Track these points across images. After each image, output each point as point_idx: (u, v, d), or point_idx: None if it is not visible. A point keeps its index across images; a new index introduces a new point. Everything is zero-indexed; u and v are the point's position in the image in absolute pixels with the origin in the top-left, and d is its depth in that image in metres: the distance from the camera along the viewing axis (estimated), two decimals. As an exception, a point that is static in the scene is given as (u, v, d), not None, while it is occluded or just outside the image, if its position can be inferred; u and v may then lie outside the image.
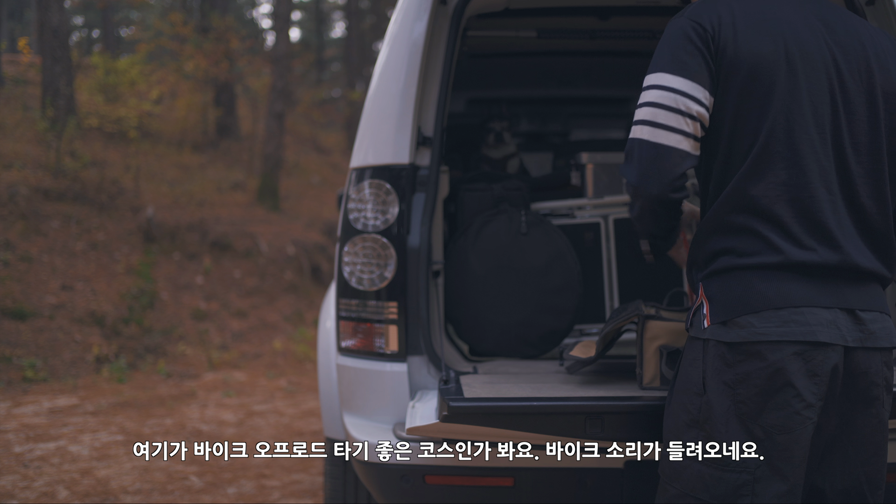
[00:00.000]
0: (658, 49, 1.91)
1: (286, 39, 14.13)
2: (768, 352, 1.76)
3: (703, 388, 1.84)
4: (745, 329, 1.78)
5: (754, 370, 1.77)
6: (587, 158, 3.38)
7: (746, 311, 1.79)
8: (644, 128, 1.85)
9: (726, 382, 1.80)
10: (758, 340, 1.77)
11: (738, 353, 1.79)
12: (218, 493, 4.30)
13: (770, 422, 1.76)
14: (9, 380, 6.50)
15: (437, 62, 2.70)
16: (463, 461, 2.37)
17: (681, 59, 1.86)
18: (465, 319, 2.95)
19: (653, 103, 1.86)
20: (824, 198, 1.82)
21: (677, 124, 1.83)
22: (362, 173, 2.64)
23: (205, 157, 13.81)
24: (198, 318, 8.62)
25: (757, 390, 1.76)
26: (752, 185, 1.82)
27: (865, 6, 2.59)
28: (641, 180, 1.86)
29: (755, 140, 1.83)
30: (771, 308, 1.78)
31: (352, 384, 2.67)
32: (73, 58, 12.06)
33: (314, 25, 27.64)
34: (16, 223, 8.55)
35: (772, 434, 1.76)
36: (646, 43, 3.80)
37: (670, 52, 1.88)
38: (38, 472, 4.51)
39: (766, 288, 1.79)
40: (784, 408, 1.76)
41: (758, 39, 1.86)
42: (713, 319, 1.84)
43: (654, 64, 1.90)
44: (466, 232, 3.02)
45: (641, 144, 1.86)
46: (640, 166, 1.85)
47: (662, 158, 1.83)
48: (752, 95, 1.84)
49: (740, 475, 1.77)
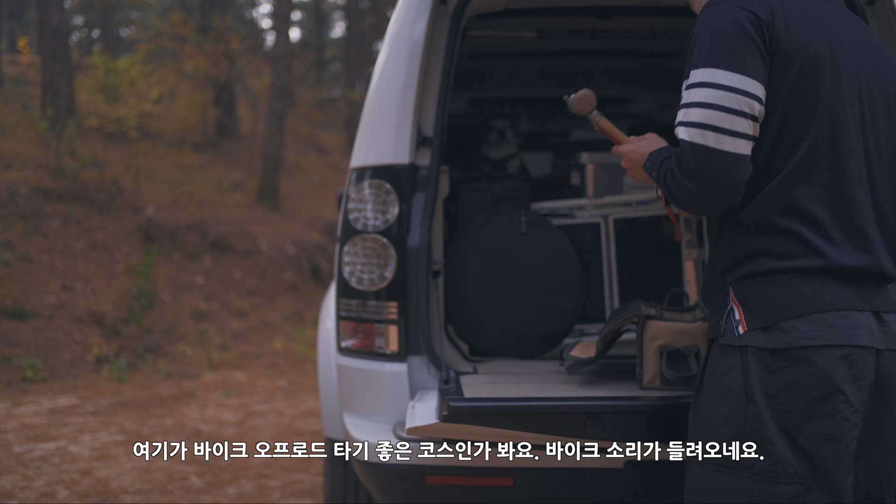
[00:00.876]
0: (705, 40, 1.75)
1: (286, 39, 14.13)
2: (816, 357, 1.69)
3: (746, 397, 1.74)
4: (790, 334, 1.71)
5: (801, 377, 1.69)
6: (587, 158, 3.38)
7: (790, 315, 1.71)
8: (706, 133, 1.70)
9: (767, 392, 1.71)
10: (804, 345, 1.69)
11: (781, 360, 1.71)
12: (218, 493, 4.30)
13: (819, 430, 1.69)
14: (9, 380, 6.49)
15: (437, 62, 2.70)
16: (463, 461, 2.37)
17: (737, 52, 1.72)
18: (465, 319, 2.95)
19: (712, 105, 1.71)
20: (863, 200, 1.78)
21: (743, 129, 1.70)
22: (362, 173, 2.64)
23: (205, 157, 13.81)
24: (198, 318, 8.62)
25: (805, 398, 1.69)
26: (797, 185, 1.74)
27: (865, 6, 2.59)
28: (708, 191, 1.71)
29: (802, 139, 1.75)
30: (817, 311, 1.71)
31: (352, 384, 2.67)
32: (73, 58, 12.06)
33: (314, 25, 27.64)
34: (16, 223, 8.55)
35: (819, 444, 1.69)
36: (646, 43, 3.80)
37: (723, 44, 1.73)
38: (38, 472, 4.51)
39: (810, 291, 1.72)
40: (834, 415, 1.69)
41: (808, 33, 1.78)
42: (750, 325, 1.75)
43: (704, 57, 1.74)
44: (466, 232, 3.02)
45: (707, 152, 1.69)
46: (707, 177, 1.70)
47: (732, 168, 1.70)
48: (803, 93, 1.76)
49: (792, 487, 1.69)
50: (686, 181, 1.72)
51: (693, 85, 1.74)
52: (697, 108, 1.72)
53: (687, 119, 1.73)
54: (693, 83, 1.74)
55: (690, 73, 1.76)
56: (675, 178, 1.76)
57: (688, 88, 1.75)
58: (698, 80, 1.73)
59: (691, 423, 1.88)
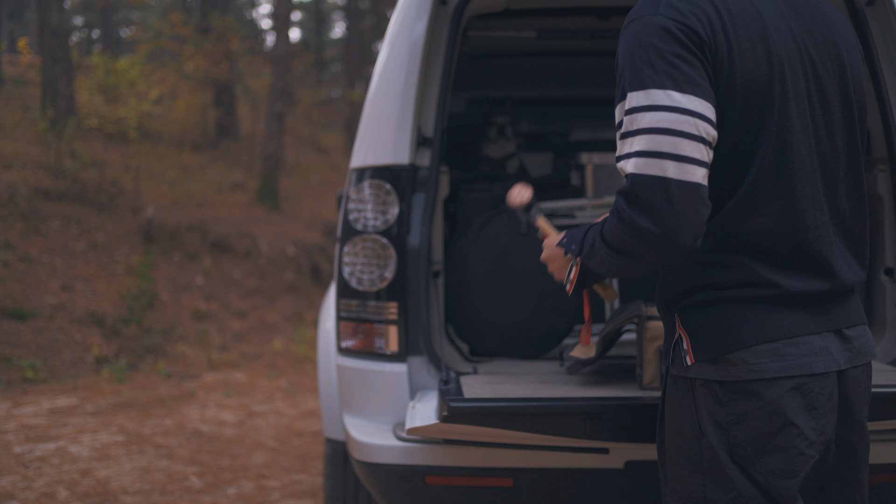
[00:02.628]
0: (639, 57, 1.54)
1: (286, 40, 14.13)
2: (765, 390, 1.59)
3: (700, 430, 1.64)
4: (738, 367, 1.59)
5: (751, 410, 1.59)
6: (587, 158, 3.38)
7: (736, 346, 1.59)
8: (662, 162, 1.48)
9: (720, 423, 1.61)
10: (753, 378, 1.59)
11: (731, 392, 1.60)
12: (218, 493, 4.30)
13: (771, 466, 1.60)
14: (9, 380, 6.49)
15: (437, 62, 2.70)
16: (463, 461, 2.37)
17: (683, 70, 1.52)
18: (465, 320, 2.95)
19: (664, 129, 1.49)
20: (818, 222, 1.64)
21: (701, 156, 1.50)
22: (362, 174, 2.64)
23: (205, 157, 13.81)
24: (198, 319, 8.62)
25: (755, 432, 1.59)
26: (745, 219, 1.60)
27: (865, 6, 2.59)
28: (674, 231, 1.47)
29: (748, 169, 1.59)
30: (765, 342, 1.59)
31: (352, 384, 2.67)
32: (73, 58, 12.07)
33: (314, 25, 27.65)
34: (16, 223, 8.55)
35: (772, 480, 1.60)
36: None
37: (665, 62, 1.52)
38: (37, 472, 4.51)
39: (756, 321, 1.60)
40: (787, 449, 1.59)
41: (752, 54, 1.58)
42: (698, 357, 1.63)
43: (642, 78, 1.52)
44: (466, 232, 3.02)
45: (666, 185, 1.47)
46: (673, 212, 1.47)
47: (696, 201, 1.49)
48: (747, 120, 1.59)
49: None
50: (644, 222, 1.48)
51: (635, 109, 1.52)
52: (646, 135, 1.50)
53: (633, 149, 1.51)
54: (635, 107, 1.52)
55: (627, 95, 1.54)
56: (626, 226, 1.52)
57: (629, 113, 1.53)
58: (641, 103, 1.51)
59: (659, 454, 1.79)
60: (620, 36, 1.62)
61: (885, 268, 2.70)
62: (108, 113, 12.23)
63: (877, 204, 2.73)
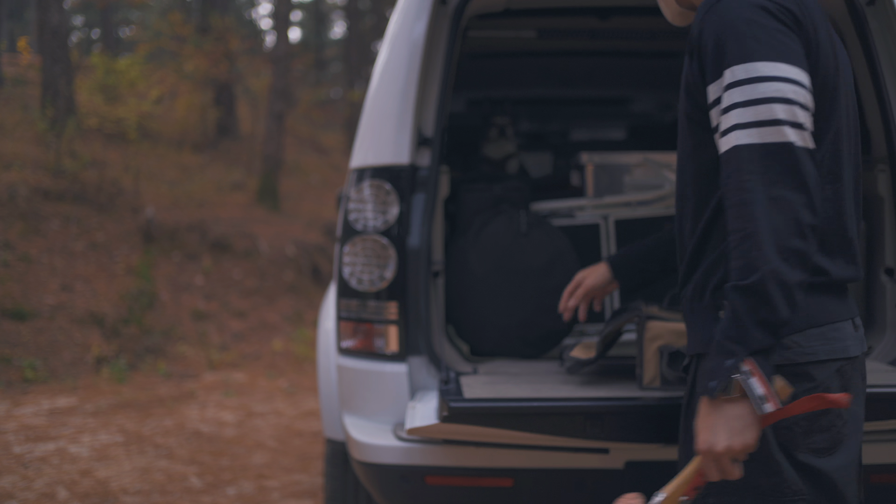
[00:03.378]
0: (737, 33, 1.53)
1: (286, 40, 14.13)
2: (816, 371, 1.63)
3: None
4: (791, 350, 1.61)
5: (800, 392, 1.60)
6: (587, 158, 3.38)
7: (791, 330, 1.60)
8: (786, 129, 1.47)
9: None
10: (806, 361, 1.62)
11: (782, 376, 1.61)
12: (218, 493, 4.30)
13: (814, 445, 1.63)
14: (9, 380, 6.49)
15: (437, 62, 2.70)
16: (463, 461, 2.37)
17: (787, 44, 1.53)
18: (465, 320, 2.95)
19: (786, 99, 1.48)
20: (853, 212, 1.71)
21: (810, 126, 1.53)
22: (362, 174, 2.64)
23: (205, 157, 13.81)
24: (197, 319, 8.62)
25: (805, 414, 1.61)
26: None
27: (866, 6, 2.59)
28: (810, 194, 1.47)
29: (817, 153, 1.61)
30: (814, 326, 1.63)
31: (352, 385, 2.67)
32: (73, 58, 12.06)
33: (314, 25, 27.64)
34: (15, 223, 8.55)
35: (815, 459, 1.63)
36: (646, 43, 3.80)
37: (769, 36, 1.52)
38: (37, 472, 4.51)
39: (807, 306, 1.62)
40: (829, 429, 1.64)
41: (826, 44, 1.63)
42: None
43: (750, 50, 1.51)
44: (466, 232, 3.02)
45: (794, 150, 1.47)
46: (802, 178, 1.47)
47: (815, 167, 1.50)
48: (820, 103, 1.62)
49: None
50: (798, 199, 1.45)
51: (742, 81, 1.51)
52: (760, 105, 1.48)
53: (745, 119, 1.49)
54: (742, 79, 1.51)
55: (730, 69, 1.53)
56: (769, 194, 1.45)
57: (734, 87, 1.52)
58: (750, 74, 1.50)
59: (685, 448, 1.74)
60: (703, 18, 1.60)
61: (886, 268, 2.70)
62: (108, 113, 12.23)
63: (877, 204, 2.73)
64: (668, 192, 3.32)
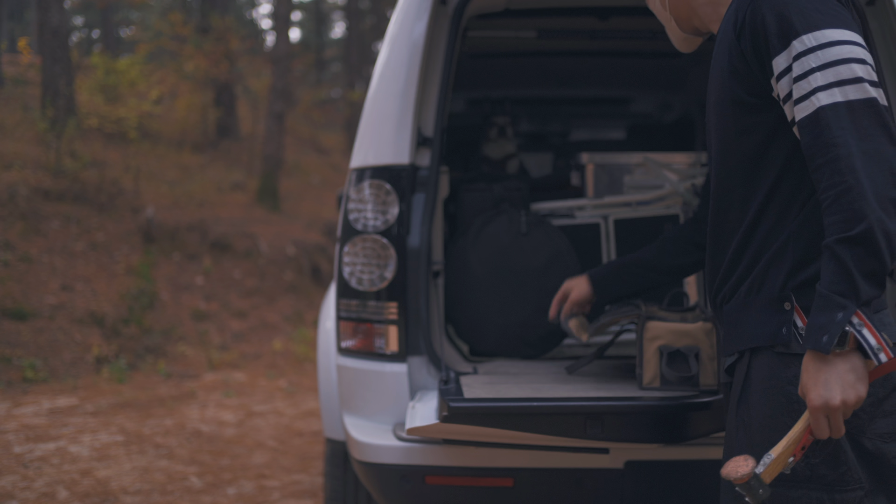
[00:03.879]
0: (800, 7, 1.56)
1: (286, 40, 14.14)
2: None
3: None
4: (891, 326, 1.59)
5: None
6: (587, 158, 3.38)
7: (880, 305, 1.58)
8: (867, 86, 1.50)
9: None
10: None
11: None
12: (218, 493, 4.30)
13: (880, 430, 1.61)
14: (9, 380, 6.49)
15: (437, 62, 2.70)
16: (463, 461, 2.37)
17: (846, 16, 1.58)
18: (465, 320, 2.95)
19: (859, 59, 1.52)
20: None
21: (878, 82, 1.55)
22: (362, 173, 2.64)
23: (205, 157, 13.81)
24: (198, 319, 8.62)
25: (871, 399, 1.58)
26: None
27: (866, 6, 2.59)
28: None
29: None
30: (875, 311, 1.56)
31: (352, 385, 2.67)
32: (73, 58, 12.07)
33: (314, 25, 27.65)
34: (16, 223, 8.55)
35: (881, 444, 1.61)
36: (646, 43, 3.79)
37: (829, 7, 1.57)
38: (37, 472, 4.51)
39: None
40: (893, 413, 1.62)
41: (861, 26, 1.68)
42: None
43: (815, 20, 1.55)
44: (466, 232, 3.02)
45: (878, 106, 1.50)
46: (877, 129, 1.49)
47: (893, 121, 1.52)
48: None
49: (857, 493, 1.60)
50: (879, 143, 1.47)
51: (815, 48, 1.53)
52: (838, 66, 1.51)
53: (826, 81, 1.51)
54: (813, 46, 1.53)
55: (800, 38, 1.54)
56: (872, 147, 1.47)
57: (806, 54, 1.53)
58: (821, 41, 1.53)
59: (739, 439, 1.69)
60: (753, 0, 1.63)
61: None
62: (108, 113, 12.23)
63: (877, 204, 2.73)
64: (668, 192, 3.32)
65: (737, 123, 1.69)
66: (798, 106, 1.54)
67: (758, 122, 1.66)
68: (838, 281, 1.46)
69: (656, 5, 1.92)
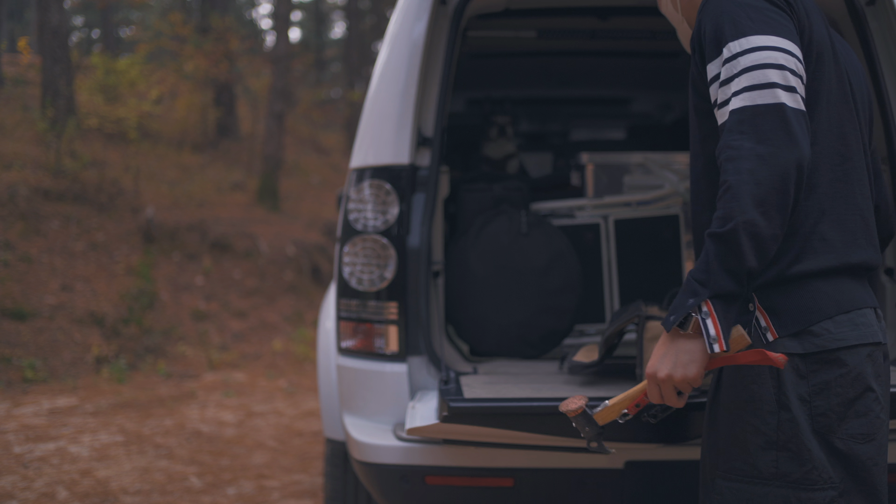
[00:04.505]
0: (733, 15, 1.61)
1: (286, 40, 14.14)
2: (847, 357, 1.64)
3: (777, 405, 1.64)
4: (822, 336, 1.64)
5: (833, 378, 1.63)
6: (587, 158, 3.38)
7: (820, 317, 1.64)
8: (778, 91, 1.53)
9: (800, 397, 1.63)
10: (837, 347, 1.63)
11: (813, 363, 1.64)
12: (218, 493, 4.30)
13: (853, 431, 1.64)
14: (9, 380, 6.49)
15: (437, 62, 2.70)
16: (463, 461, 2.37)
17: (779, 21, 1.61)
18: (465, 320, 2.95)
19: (778, 65, 1.55)
20: (868, 194, 1.74)
21: (802, 92, 1.58)
22: (362, 174, 2.64)
23: (205, 157, 13.81)
24: (198, 319, 8.62)
25: (838, 399, 1.63)
26: (817, 181, 1.66)
27: (866, 6, 2.59)
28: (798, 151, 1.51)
29: (817, 131, 1.66)
30: (842, 312, 1.65)
31: (352, 385, 2.67)
32: (73, 58, 12.07)
33: (314, 25, 27.64)
34: (16, 223, 8.55)
35: (853, 445, 1.64)
36: (646, 43, 3.79)
37: (761, 14, 1.61)
38: (37, 472, 4.51)
39: (834, 292, 1.66)
40: (866, 413, 1.65)
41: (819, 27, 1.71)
42: (781, 332, 1.64)
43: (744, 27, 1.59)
44: (467, 232, 3.02)
45: (785, 110, 1.52)
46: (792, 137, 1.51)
47: (807, 128, 1.56)
48: (817, 84, 1.68)
49: (827, 492, 1.63)
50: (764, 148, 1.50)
51: (737, 54, 1.58)
52: (753, 71, 1.55)
53: (740, 86, 1.56)
54: (737, 52, 1.58)
55: (727, 46, 1.60)
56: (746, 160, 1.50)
57: (730, 60, 1.59)
58: (744, 47, 1.58)
59: (709, 437, 1.74)
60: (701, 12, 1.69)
61: (886, 268, 2.70)
62: (108, 113, 12.23)
63: (877, 204, 2.73)
64: (668, 192, 3.32)
65: (699, 128, 1.75)
66: (720, 111, 1.61)
67: (713, 126, 1.70)
68: (700, 270, 1.56)
69: (668, 7, 1.94)
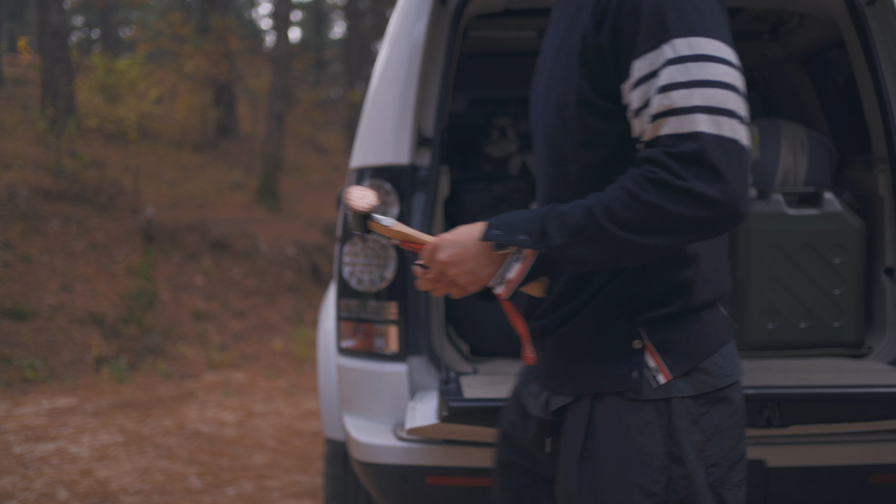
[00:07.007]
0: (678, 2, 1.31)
1: (286, 40, 14.14)
2: (733, 394, 1.47)
3: (669, 458, 1.41)
4: (713, 373, 1.44)
5: (724, 420, 1.45)
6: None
7: (710, 351, 1.45)
8: (736, 123, 1.28)
9: (695, 446, 1.42)
10: (727, 384, 1.46)
11: (702, 405, 1.43)
12: (218, 493, 4.30)
13: (736, 478, 1.46)
14: (8, 380, 6.49)
15: (437, 62, 2.70)
16: (463, 461, 2.37)
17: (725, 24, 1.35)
18: (465, 320, 2.95)
19: (735, 87, 1.30)
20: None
21: (748, 121, 1.33)
22: (362, 173, 2.64)
23: (204, 157, 13.81)
24: (198, 319, 8.62)
25: (729, 444, 1.45)
26: None
27: (865, 6, 2.59)
28: (741, 197, 1.26)
29: None
30: (724, 343, 1.47)
31: (352, 385, 2.67)
32: (73, 58, 12.07)
33: (314, 25, 27.65)
34: (15, 223, 8.55)
35: (737, 493, 1.46)
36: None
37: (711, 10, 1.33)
38: (37, 472, 4.51)
39: (715, 320, 1.48)
40: (743, 457, 1.48)
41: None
42: (674, 372, 1.42)
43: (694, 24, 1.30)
44: (466, 232, 3.02)
45: (740, 149, 1.27)
46: (742, 178, 1.27)
47: (748, 168, 1.31)
48: None
49: None
50: (710, 190, 1.24)
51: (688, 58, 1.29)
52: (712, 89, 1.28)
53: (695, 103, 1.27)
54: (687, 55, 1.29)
55: (671, 42, 1.30)
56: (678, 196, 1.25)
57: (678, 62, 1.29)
58: (696, 51, 1.29)
59: (585, 498, 1.46)
60: None
61: (886, 268, 2.70)
62: (108, 113, 12.23)
63: (877, 204, 2.73)
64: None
65: (581, 130, 1.43)
66: (650, 121, 1.31)
67: (608, 130, 1.41)
68: (558, 224, 1.35)
69: None
